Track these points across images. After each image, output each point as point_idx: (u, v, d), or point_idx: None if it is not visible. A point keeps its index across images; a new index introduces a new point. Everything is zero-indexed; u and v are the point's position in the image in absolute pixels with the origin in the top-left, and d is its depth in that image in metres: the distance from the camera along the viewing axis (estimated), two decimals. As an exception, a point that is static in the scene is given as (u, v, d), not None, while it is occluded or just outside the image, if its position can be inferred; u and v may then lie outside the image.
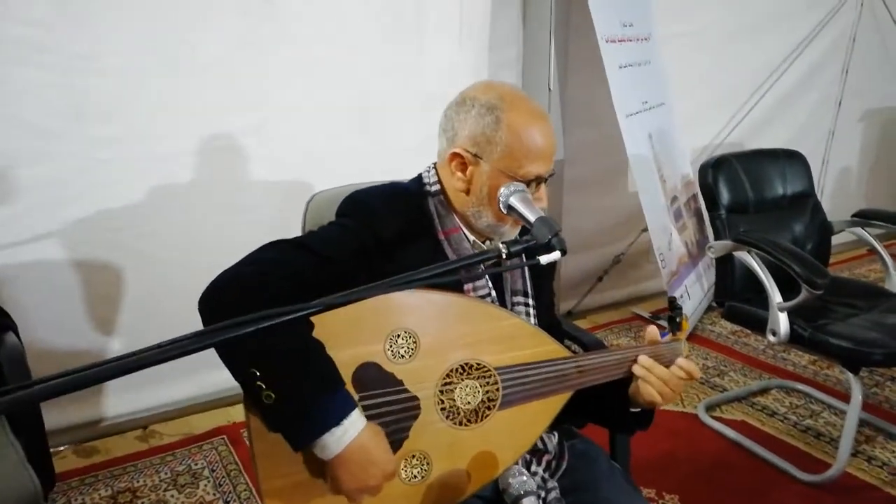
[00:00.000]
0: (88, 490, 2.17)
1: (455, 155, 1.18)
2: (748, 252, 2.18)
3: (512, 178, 1.13)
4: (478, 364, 1.13)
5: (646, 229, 3.14)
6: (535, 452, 1.28)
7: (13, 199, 2.26)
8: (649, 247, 3.30)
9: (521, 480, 1.03)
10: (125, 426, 2.55)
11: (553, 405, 1.20)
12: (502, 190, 1.08)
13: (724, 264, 2.34)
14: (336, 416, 0.97)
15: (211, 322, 0.96)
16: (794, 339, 2.09)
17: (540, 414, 1.19)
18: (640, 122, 3.20)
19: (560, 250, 0.93)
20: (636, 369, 1.22)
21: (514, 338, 1.17)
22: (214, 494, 2.13)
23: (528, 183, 1.14)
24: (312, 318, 1.02)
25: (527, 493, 1.03)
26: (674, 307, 1.36)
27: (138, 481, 2.21)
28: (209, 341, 0.77)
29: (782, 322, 2.09)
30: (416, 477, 1.11)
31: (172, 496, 2.13)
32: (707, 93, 3.71)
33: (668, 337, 1.30)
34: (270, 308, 0.88)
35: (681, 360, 1.22)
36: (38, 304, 2.33)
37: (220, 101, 2.42)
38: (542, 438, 1.30)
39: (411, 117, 2.74)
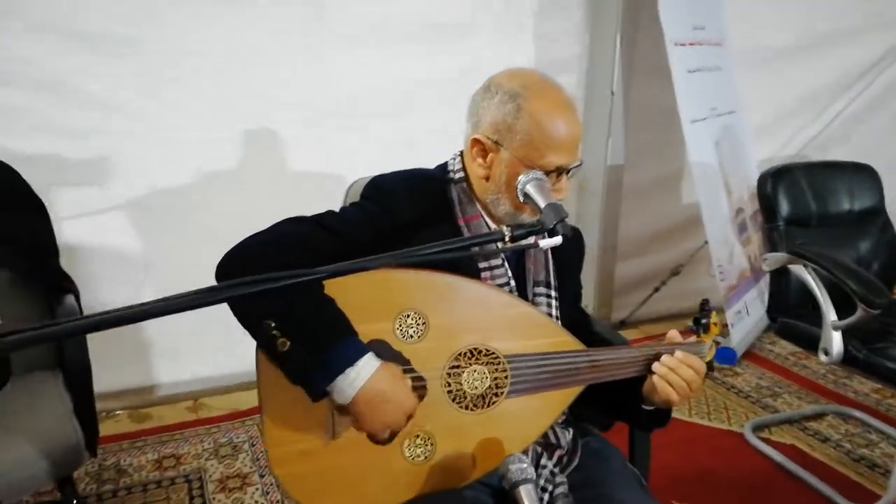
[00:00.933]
0: (137, 453, 2.30)
1: (476, 141, 1.19)
2: (804, 266, 2.09)
3: (531, 167, 1.13)
4: (487, 350, 1.14)
5: (707, 242, 3.05)
6: (548, 447, 1.27)
7: (86, 170, 2.42)
8: (708, 259, 3.20)
9: (521, 467, 1.02)
10: (178, 397, 2.69)
11: (564, 398, 1.19)
12: (520, 177, 1.08)
13: (779, 278, 2.25)
14: (349, 359, 1.01)
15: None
16: (848, 361, 1.99)
17: (549, 406, 1.19)
18: (707, 128, 3.11)
19: (562, 235, 0.92)
20: (657, 367, 1.20)
21: (526, 326, 1.17)
22: (251, 467, 2.20)
23: (547, 173, 1.14)
24: (326, 292, 1.06)
25: (524, 481, 1.03)
26: (703, 308, 1.34)
27: (183, 449, 2.32)
28: (219, 296, 0.81)
29: (835, 341, 1.99)
30: (419, 456, 1.13)
31: (212, 465, 2.22)
32: (775, 104, 3.57)
33: (693, 338, 1.27)
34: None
35: (679, 353, 1.19)
36: (100, 272, 2.48)
37: (273, 92, 2.55)
38: (555, 433, 1.29)
39: (460, 116, 2.76)
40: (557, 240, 0.92)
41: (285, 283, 0.82)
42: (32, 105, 2.29)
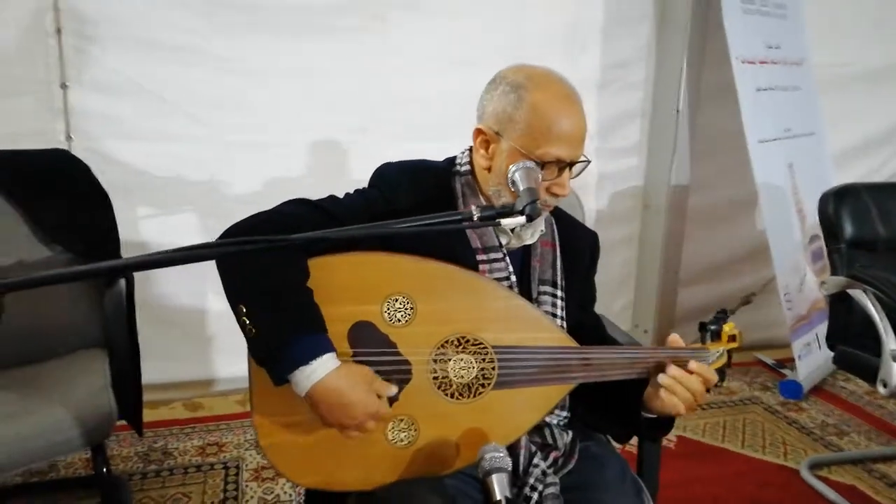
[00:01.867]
0: (185, 438, 2.41)
1: (479, 132, 1.20)
2: (863, 291, 1.95)
3: (529, 158, 1.12)
4: (475, 339, 1.14)
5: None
6: (545, 447, 1.25)
7: (168, 173, 2.59)
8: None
9: (495, 456, 1.01)
10: (231, 392, 2.80)
11: (553, 395, 1.18)
12: (511, 166, 1.08)
13: (840, 304, 2.11)
14: (305, 356, 1.03)
15: (220, 261, 1.07)
16: (909, 394, 1.83)
17: (537, 402, 1.17)
18: (779, 149, 2.97)
19: (526, 216, 0.92)
20: (663, 378, 1.15)
21: (517, 319, 1.16)
22: (286, 460, 2.26)
23: (544, 165, 1.13)
24: (315, 272, 1.09)
25: (498, 470, 1.01)
26: (717, 316, 1.28)
27: (227, 438, 2.41)
28: (198, 253, 0.86)
29: (895, 372, 1.84)
30: (402, 440, 1.14)
31: (250, 454, 2.30)
32: (866, 127, 3.37)
33: (696, 345, 1.22)
34: (271, 250, 0.97)
35: (693, 365, 1.14)
36: (166, 270, 2.62)
37: (332, 103, 2.64)
38: (553, 434, 1.26)
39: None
40: (519, 219, 0.92)
41: (260, 245, 0.86)
42: (118, 112, 2.47)
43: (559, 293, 1.28)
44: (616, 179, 3.20)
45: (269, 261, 1.05)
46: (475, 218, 0.92)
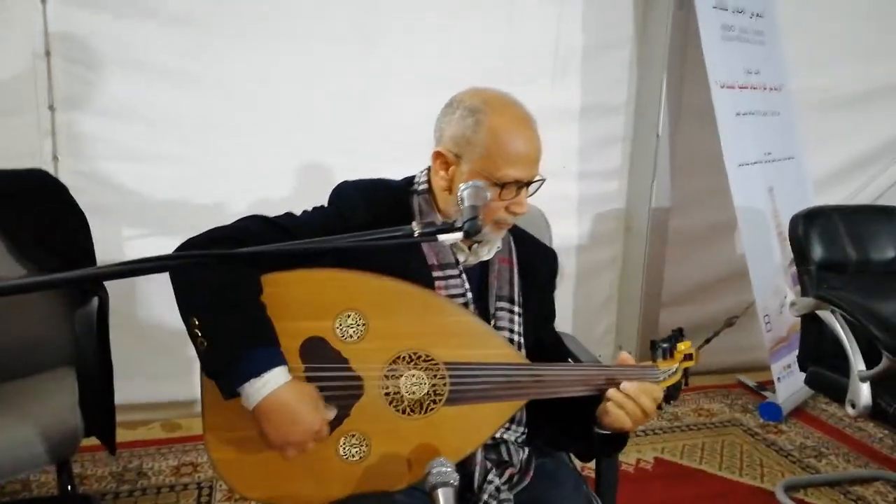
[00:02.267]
0: (161, 458, 2.41)
1: (438, 154, 1.23)
2: (832, 312, 1.97)
3: (488, 180, 1.15)
4: (427, 355, 1.15)
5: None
6: (500, 464, 1.26)
7: (155, 195, 2.61)
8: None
9: (442, 471, 1.01)
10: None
11: (504, 411, 1.19)
12: (461, 185, 1.10)
13: (811, 325, 2.12)
14: (258, 368, 1.04)
15: (175, 271, 1.08)
16: (877, 415, 1.84)
17: (489, 418, 1.18)
18: (758, 173, 3.01)
19: (464, 232, 0.94)
20: (613, 394, 1.17)
21: (467, 335, 1.18)
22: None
23: (503, 186, 1.16)
24: (268, 288, 1.11)
25: (444, 484, 1.02)
26: (670, 335, 1.30)
27: (202, 458, 2.41)
28: (152, 265, 0.88)
29: (863, 393, 1.85)
30: (354, 456, 1.15)
31: (225, 475, 2.29)
32: (839, 153, 3.41)
33: (645, 362, 1.23)
34: (224, 263, 1.00)
35: (646, 387, 1.15)
36: (155, 291, 2.65)
37: (320, 125, 2.68)
38: (509, 451, 1.27)
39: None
40: (456, 235, 0.94)
41: (211, 258, 0.89)
42: (106, 134, 2.50)
43: (516, 309, 1.30)
44: (598, 202, 3.23)
45: (222, 275, 1.07)
46: (415, 234, 0.94)
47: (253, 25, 2.55)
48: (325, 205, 1.28)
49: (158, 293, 2.68)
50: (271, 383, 1.04)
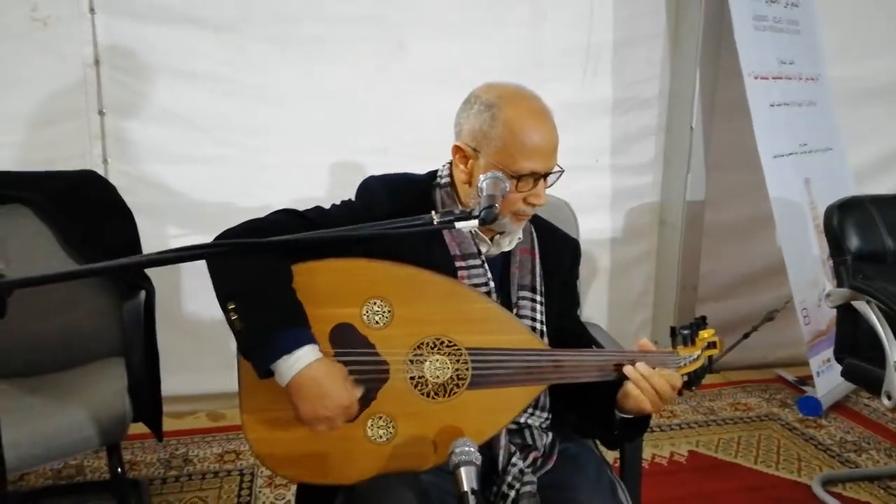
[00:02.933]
0: (206, 445, 2.51)
1: (457, 148, 1.28)
2: (867, 303, 1.95)
3: (505, 172, 1.19)
4: (449, 341, 1.20)
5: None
6: (525, 448, 1.30)
7: (197, 195, 2.73)
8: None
9: (465, 450, 1.05)
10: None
11: (526, 395, 1.22)
12: (480, 177, 1.15)
13: (847, 316, 2.10)
14: (289, 346, 1.11)
15: (211, 259, 1.16)
16: (913, 406, 1.81)
17: (510, 402, 1.22)
18: (794, 164, 2.97)
19: (479, 220, 0.98)
20: (629, 371, 1.20)
21: (489, 322, 1.22)
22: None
23: (521, 177, 1.20)
24: (298, 276, 1.18)
25: (466, 463, 1.06)
26: (692, 322, 1.31)
27: (244, 446, 2.50)
28: (191, 253, 0.95)
29: (898, 384, 1.83)
30: (381, 437, 1.20)
31: (265, 463, 2.38)
32: (883, 143, 3.33)
33: (667, 349, 1.26)
34: (257, 252, 1.07)
35: (663, 372, 1.18)
36: (194, 285, 2.76)
37: (354, 125, 2.76)
38: (532, 435, 1.31)
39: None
40: (472, 223, 0.98)
41: (245, 247, 0.95)
42: (152, 137, 2.62)
43: (538, 298, 1.34)
44: (632, 196, 3.23)
45: (256, 263, 1.14)
46: (435, 222, 0.98)
47: (289, 31, 2.64)
48: (352, 200, 1.33)
49: (203, 289, 2.75)
50: (302, 360, 1.11)
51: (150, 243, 2.25)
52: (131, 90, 2.58)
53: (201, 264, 2.82)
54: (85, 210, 2.02)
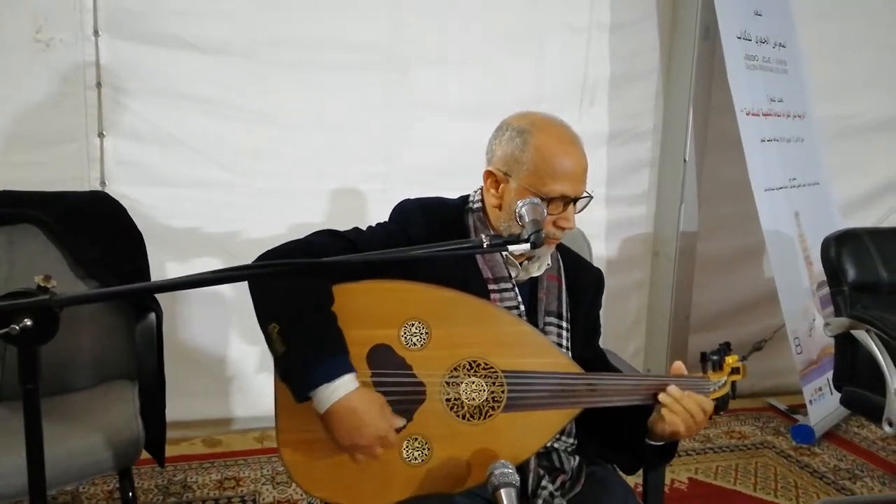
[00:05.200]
0: (204, 472, 2.47)
1: (489, 173, 1.31)
2: (866, 331, 2.01)
3: (536, 195, 1.23)
4: (486, 363, 1.22)
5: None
6: (552, 471, 1.31)
7: (196, 219, 2.72)
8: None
9: (504, 472, 1.07)
10: (248, 429, 2.85)
11: (560, 419, 1.24)
12: (518, 202, 1.18)
13: (845, 345, 2.16)
14: (329, 375, 1.11)
15: (254, 280, 1.17)
16: (914, 433, 1.87)
17: (545, 425, 1.24)
18: (784, 198, 3.06)
19: (531, 243, 1.01)
20: (662, 397, 1.23)
21: (524, 345, 1.24)
22: (301, 495, 2.31)
23: (550, 201, 1.23)
24: (338, 298, 1.19)
25: (505, 485, 1.08)
26: (719, 348, 1.35)
27: (244, 473, 2.47)
28: (233, 274, 0.97)
29: (899, 411, 1.88)
30: (416, 459, 1.21)
31: (267, 489, 2.35)
32: (866, 177, 3.46)
33: (698, 374, 1.29)
34: (297, 276, 1.08)
35: (695, 395, 1.21)
36: (192, 311, 2.74)
37: (357, 153, 2.79)
38: (560, 458, 1.33)
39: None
40: (524, 246, 1.01)
41: (287, 268, 0.96)
42: (151, 160, 2.61)
43: (564, 324, 1.37)
44: (626, 226, 3.29)
45: (298, 285, 1.15)
46: (485, 245, 1.01)
47: (291, 56, 2.66)
48: (388, 222, 1.35)
49: (198, 314, 2.77)
50: (341, 389, 1.11)
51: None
52: (132, 112, 2.56)
53: (202, 290, 2.81)
54: (95, 231, 2.01)
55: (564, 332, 1.36)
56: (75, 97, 2.49)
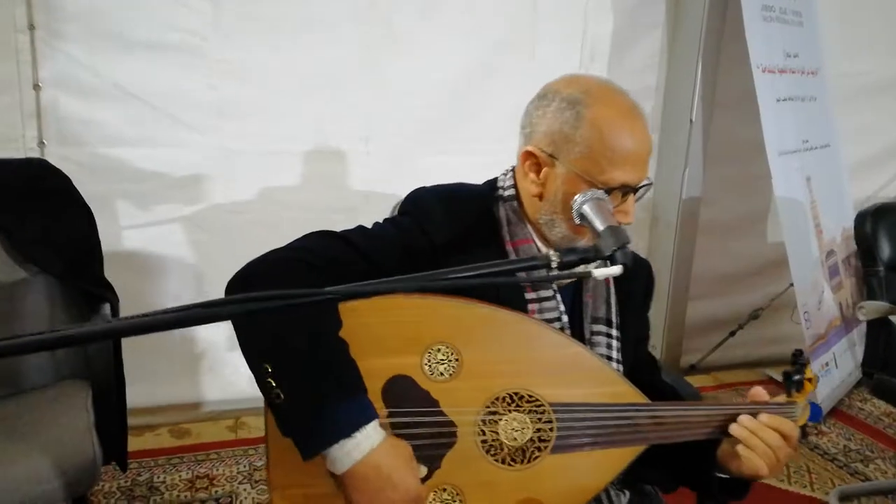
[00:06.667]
0: (172, 470, 2.22)
1: (528, 154, 1.05)
2: (909, 319, 1.84)
3: (591, 184, 0.98)
4: (530, 396, 0.98)
5: (792, 284, 2.78)
6: (601, 511, 1.10)
7: (152, 184, 2.40)
8: (793, 304, 2.92)
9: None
10: (221, 415, 2.61)
11: (620, 459, 1.02)
12: (577, 196, 0.93)
13: (878, 329, 1.99)
14: (348, 427, 0.87)
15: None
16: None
17: (602, 467, 1.02)
18: (798, 162, 2.86)
19: (621, 264, 0.77)
20: (735, 429, 1.01)
21: (578, 371, 1.01)
22: (284, 496, 2.09)
23: (610, 192, 0.98)
24: (345, 320, 0.93)
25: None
26: (797, 361, 1.13)
27: (218, 469, 2.23)
28: (216, 312, 0.70)
29: (946, 408, 1.72)
30: (444, 514, 0.98)
31: (245, 489, 2.13)
32: (880, 139, 3.27)
33: (782, 397, 1.08)
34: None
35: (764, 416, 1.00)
36: (155, 279, 2.46)
37: (336, 109, 2.49)
38: (608, 496, 1.11)
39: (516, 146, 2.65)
40: (615, 269, 0.76)
41: (288, 302, 0.68)
42: (98, 116, 2.28)
43: (614, 332, 1.13)
44: (624, 192, 3.07)
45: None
46: (553, 265, 0.76)
47: (268, 4, 2.33)
48: (400, 217, 1.08)
49: (153, 289, 2.49)
50: (364, 445, 0.87)
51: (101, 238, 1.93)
52: (73, 60, 2.21)
53: (164, 260, 2.52)
54: (37, 208, 1.70)
55: (615, 343, 1.12)
56: (3, 43, 2.12)
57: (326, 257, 0.96)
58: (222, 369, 2.63)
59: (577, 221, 0.93)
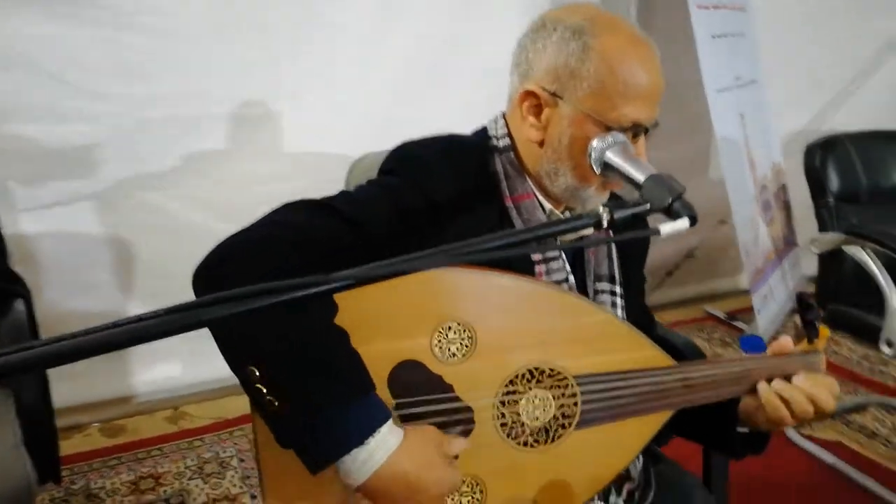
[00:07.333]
0: (110, 473, 2.02)
1: (528, 94, 0.92)
2: (862, 248, 1.86)
3: (600, 124, 0.87)
4: (551, 370, 0.88)
5: (723, 221, 2.81)
6: (616, 479, 1.02)
7: (48, 160, 2.13)
8: (728, 241, 2.97)
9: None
10: (156, 406, 2.40)
11: (648, 427, 0.94)
12: (595, 143, 0.82)
13: (830, 261, 2.02)
14: (357, 434, 0.74)
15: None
16: (918, 354, 1.76)
17: (630, 437, 0.94)
18: (732, 99, 2.86)
19: (689, 217, 0.66)
20: (776, 383, 0.95)
21: (600, 338, 0.91)
22: (241, 487, 1.94)
23: (622, 132, 0.87)
24: (338, 299, 0.79)
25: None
26: (807, 306, 1.07)
27: (163, 467, 2.05)
28: (188, 321, 0.55)
29: (904, 332, 1.76)
30: (465, 507, 0.87)
31: (197, 485, 1.96)
32: (801, 72, 3.33)
33: (802, 346, 1.02)
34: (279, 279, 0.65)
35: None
36: (62, 268, 2.21)
37: (256, 65, 2.26)
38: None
39: (461, 89, 2.49)
40: (684, 223, 0.66)
41: (273, 299, 0.54)
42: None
43: (618, 289, 1.05)
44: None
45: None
46: (604, 223, 0.64)
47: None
48: (387, 176, 0.93)
49: (71, 263, 2.24)
50: (378, 454, 0.74)
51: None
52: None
53: (72, 245, 2.25)
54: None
55: (619, 300, 1.04)
56: None
57: (308, 232, 0.81)
58: (153, 356, 2.41)
59: (598, 171, 0.82)
